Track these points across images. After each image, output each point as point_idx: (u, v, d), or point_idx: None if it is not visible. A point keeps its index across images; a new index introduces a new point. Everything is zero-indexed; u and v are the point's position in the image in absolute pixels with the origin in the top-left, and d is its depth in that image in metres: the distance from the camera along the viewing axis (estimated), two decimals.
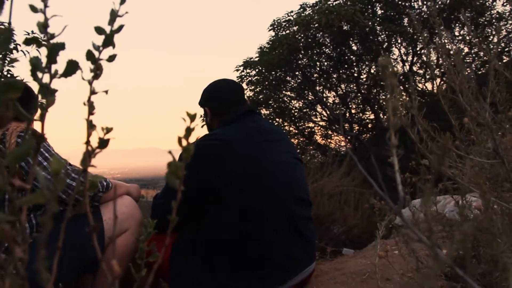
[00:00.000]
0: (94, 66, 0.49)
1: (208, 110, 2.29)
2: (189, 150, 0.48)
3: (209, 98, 2.32)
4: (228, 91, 2.31)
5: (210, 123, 2.33)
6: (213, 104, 2.29)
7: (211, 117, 2.29)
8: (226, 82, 2.36)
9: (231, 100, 2.27)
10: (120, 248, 2.10)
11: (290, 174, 2.08)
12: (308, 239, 2.07)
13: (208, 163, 1.95)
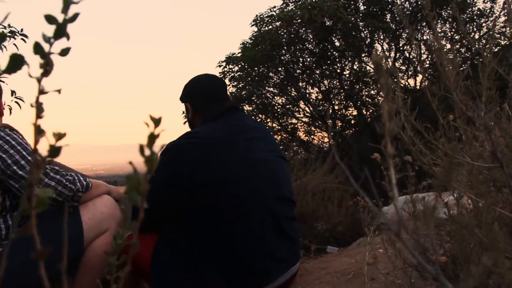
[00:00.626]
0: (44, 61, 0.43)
1: (189, 106, 2.24)
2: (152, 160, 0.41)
3: (190, 94, 2.26)
4: (210, 87, 2.25)
5: (191, 119, 2.27)
6: (195, 100, 2.23)
7: (192, 113, 2.24)
8: (208, 78, 2.29)
9: (213, 96, 2.21)
10: (100, 248, 2.05)
11: (273, 172, 2.04)
12: (292, 239, 2.03)
13: (188, 163, 1.91)
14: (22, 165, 1.80)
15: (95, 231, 2.02)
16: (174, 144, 1.97)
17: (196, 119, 2.22)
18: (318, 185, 4.83)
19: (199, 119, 2.19)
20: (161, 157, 1.97)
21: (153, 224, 2.03)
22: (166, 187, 1.93)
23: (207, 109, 2.16)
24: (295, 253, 2.11)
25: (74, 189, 1.87)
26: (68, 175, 1.88)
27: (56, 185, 1.80)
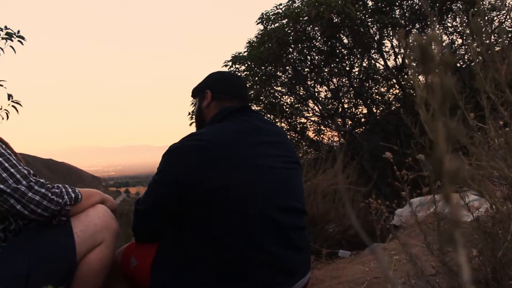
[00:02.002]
0: None
1: (209, 93, 2.11)
2: None
3: (212, 82, 2.17)
4: (235, 81, 2.21)
5: (204, 109, 2.14)
6: (218, 87, 2.14)
7: (210, 101, 2.11)
8: (232, 74, 2.31)
9: (236, 91, 2.15)
10: (94, 262, 1.93)
11: (282, 181, 1.91)
12: (302, 249, 1.91)
13: (189, 166, 1.79)
14: (4, 178, 1.66)
15: (88, 244, 1.90)
16: (176, 146, 1.86)
17: (210, 111, 2.10)
18: (329, 186, 4.68)
19: (215, 109, 2.08)
20: (163, 158, 1.87)
21: (153, 233, 1.95)
22: (166, 190, 1.82)
23: (227, 101, 2.08)
24: (305, 263, 1.99)
25: (62, 202, 1.74)
26: (54, 187, 1.75)
27: (41, 200, 1.67)
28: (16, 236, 1.86)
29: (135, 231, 2.01)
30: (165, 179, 1.82)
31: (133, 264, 2.00)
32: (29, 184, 1.67)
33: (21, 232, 1.87)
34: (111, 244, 1.97)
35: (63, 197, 1.76)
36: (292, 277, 1.86)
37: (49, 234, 1.81)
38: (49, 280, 1.82)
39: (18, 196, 1.64)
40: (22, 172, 1.70)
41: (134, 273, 2.01)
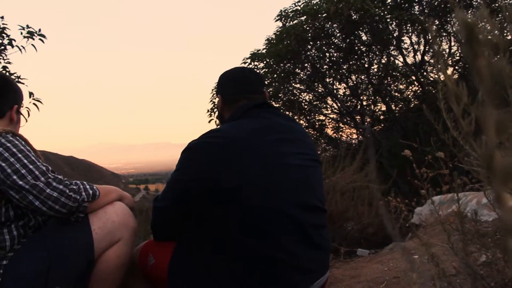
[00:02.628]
0: None
1: (220, 98, 2.10)
2: None
3: (221, 85, 2.13)
4: (243, 79, 2.11)
5: (221, 113, 2.14)
6: (225, 91, 2.10)
7: (222, 106, 2.10)
8: (243, 70, 2.17)
9: (245, 89, 2.07)
10: (112, 259, 1.94)
11: (301, 179, 1.87)
12: (321, 247, 1.88)
13: (209, 164, 1.76)
14: (23, 174, 1.68)
15: (106, 241, 1.91)
16: (195, 143, 1.84)
17: (226, 113, 2.07)
18: (347, 184, 4.64)
19: (229, 113, 2.05)
20: (181, 156, 1.85)
21: (171, 230, 1.94)
22: (184, 188, 1.80)
23: (237, 102, 2.03)
24: (324, 262, 1.96)
25: (79, 199, 1.74)
26: (72, 184, 1.76)
27: (58, 196, 1.68)
28: (35, 232, 1.87)
29: (153, 228, 2.00)
30: (184, 177, 1.81)
31: (151, 262, 2.00)
32: (47, 181, 1.68)
33: (40, 228, 1.88)
34: (129, 242, 1.98)
35: (81, 193, 1.76)
36: (311, 276, 1.84)
37: (68, 230, 1.83)
38: (68, 276, 1.83)
39: (36, 193, 1.65)
40: (40, 168, 1.71)
41: (152, 271, 2.01)
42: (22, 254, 1.77)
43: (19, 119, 2.06)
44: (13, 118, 1.99)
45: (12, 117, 1.99)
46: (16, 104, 2.01)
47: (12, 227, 1.79)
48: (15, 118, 2.01)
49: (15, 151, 1.73)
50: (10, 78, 2.16)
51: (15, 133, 1.84)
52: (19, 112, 2.05)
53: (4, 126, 1.93)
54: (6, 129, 1.83)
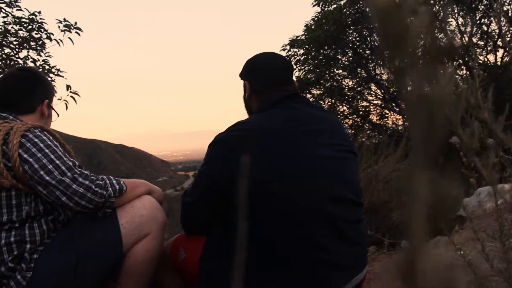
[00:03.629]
0: None
1: (248, 85, 2.00)
2: None
3: (251, 72, 2.02)
4: (274, 68, 2.01)
5: (248, 101, 2.04)
6: (255, 79, 1.98)
7: (250, 93, 2.00)
8: (274, 57, 2.05)
9: (276, 79, 1.97)
10: (141, 254, 1.91)
11: (335, 171, 1.77)
12: (357, 243, 1.77)
13: (235, 157, 1.68)
14: (50, 170, 1.66)
15: (134, 236, 1.88)
16: (222, 136, 1.77)
17: (253, 102, 1.99)
18: (391, 173, 4.49)
19: (256, 103, 1.97)
20: (208, 149, 1.79)
21: (201, 225, 1.91)
22: (211, 183, 1.76)
23: (267, 92, 1.93)
24: (361, 259, 1.85)
25: (106, 194, 1.71)
26: (98, 179, 1.73)
27: (85, 192, 1.65)
28: (65, 227, 1.87)
29: (183, 223, 1.96)
30: (211, 171, 1.75)
31: (182, 256, 1.96)
32: (74, 176, 1.66)
33: (70, 223, 1.88)
34: (158, 236, 1.95)
35: (107, 189, 1.73)
36: (347, 272, 1.74)
37: (96, 225, 1.81)
38: (97, 271, 1.81)
39: (63, 188, 1.63)
40: (67, 163, 1.69)
41: (183, 265, 1.97)
42: (51, 249, 1.76)
43: (50, 113, 2.05)
44: (44, 112, 1.99)
45: (43, 111, 1.98)
46: (47, 98, 2.00)
47: (42, 221, 1.78)
48: (46, 112, 2.01)
49: (42, 146, 1.71)
50: (41, 72, 2.16)
51: (43, 128, 1.83)
52: (50, 107, 2.04)
53: (35, 121, 1.92)
54: (35, 124, 1.82)
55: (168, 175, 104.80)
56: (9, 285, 1.67)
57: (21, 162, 1.69)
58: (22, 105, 1.94)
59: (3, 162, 1.70)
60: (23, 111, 1.93)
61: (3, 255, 1.68)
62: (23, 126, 1.76)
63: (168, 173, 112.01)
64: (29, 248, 1.72)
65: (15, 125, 1.77)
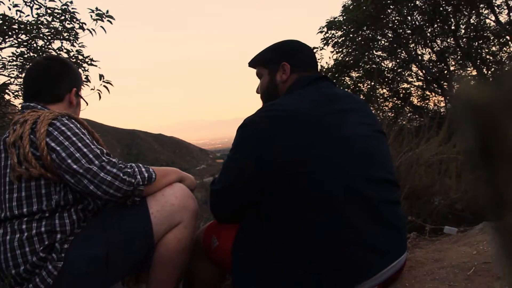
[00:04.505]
0: None
1: (288, 66, 1.96)
2: None
3: (290, 53, 2.01)
4: (308, 51, 2.05)
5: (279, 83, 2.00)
6: (294, 60, 1.99)
7: (289, 75, 1.97)
8: (303, 43, 2.08)
9: (311, 61, 2.03)
10: (173, 243, 1.89)
11: (368, 151, 1.74)
12: (395, 226, 1.73)
13: (267, 139, 1.66)
14: (77, 158, 1.65)
15: (165, 225, 1.86)
16: (251, 119, 1.74)
17: (286, 84, 1.97)
18: (433, 156, 4.34)
19: (287, 84, 1.96)
20: (237, 133, 1.77)
21: (232, 213, 1.89)
22: (241, 167, 1.73)
23: (304, 72, 1.95)
24: (400, 243, 1.80)
25: (134, 182, 1.69)
26: (127, 167, 1.70)
27: (112, 180, 1.63)
28: (95, 216, 1.86)
29: (213, 211, 1.94)
30: (240, 156, 1.72)
31: (215, 244, 1.94)
32: (101, 164, 1.64)
33: (100, 213, 1.87)
34: (189, 224, 1.92)
35: (136, 177, 1.71)
36: (385, 257, 1.68)
37: (125, 214, 1.80)
38: (128, 261, 1.82)
39: (90, 177, 1.62)
40: (94, 151, 1.68)
41: (216, 253, 1.95)
42: (82, 239, 1.76)
43: (79, 102, 2.06)
44: (72, 101, 1.99)
45: (71, 100, 1.99)
46: (75, 87, 2.01)
47: (72, 211, 1.78)
48: (75, 101, 2.00)
49: (69, 135, 1.71)
50: (68, 61, 2.15)
51: (70, 115, 1.83)
52: (78, 95, 2.03)
53: (63, 110, 1.93)
54: (62, 112, 1.82)
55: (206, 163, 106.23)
56: (41, 275, 1.68)
57: (49, 151, 1.68)
58: (50, 94, 1.95)
59: (31, 151, 1.71)
60: (51, 100, 1.94)
61: (34, 245, 1.69)
62: (50, 115, 1.77)
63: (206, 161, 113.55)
64: (60, 238, 1.72)
65: (42, 113, 1.77)
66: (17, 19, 4.16)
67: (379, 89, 10.66)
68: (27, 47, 4.40)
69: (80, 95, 2.06)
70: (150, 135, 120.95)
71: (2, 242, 1.71)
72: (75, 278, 1.70)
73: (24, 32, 4.17)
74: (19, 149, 1.72)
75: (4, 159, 1.78)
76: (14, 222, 1.72)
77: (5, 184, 1.76)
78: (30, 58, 4.42)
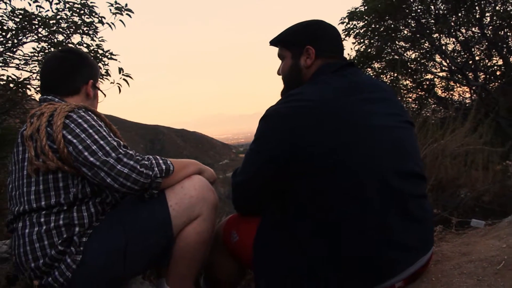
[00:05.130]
0: None
1: (313, 50, 1.85)
2: None
3: (316, 36, 1.89)
4: (335, 34, 1.94)
5: (303, 69, 1.89)
6: (322, 44, 1.87)
7: (313, 59, 1.86)
8: (329, 24, 1.95)
9: (338, 45, 1.92)
10: (192, 236, 1.87)
11: (397, 142, 1.66)
12: (422, 221, 1.66)
13: (292, 130, 1.59)
14: (94, 150, 1.63)
15: (184, 217, 1.84)
16: (275, 109, 1.68)
17: (310, 70, 1.87)
18: (459, 147, 4.25)
19: (311, 70, 1.86)
20: (260, 124, 1.71)
21: (254, 206, 1.84)
22: (264, 159, 1.67)
23: (330, 58, 1.85)
24: (427, 239, 1.74)
25: (151, 175, 1.66)
26: (144, 159, 1.68)
27: (129, 173, 1.61)
28: (113, 209, 1.85)
29: (234, 204, 1.90)
30: (263, 147, 1.66)
31: (235, 239, 1.90)
32: (118, 157, 1.62)
33: (118, 205, 1.86)
34: (209, 217, 1.89)
35: (153, 169, 1.68)
36: (412, 253, 1.63)
37: (144, 207, 1.78)
38: (146, 254, 1.81)
39: (107, 169, 1.60)
40: (111, 144, 1.66)
41: (236, 248, 1.91)
42: (100, 232, 1.75)
43: (96, 94, 2.04)
44: (89, 93, 1.99)
45: (88, 92, 1.98)
46: (91, 79, 2.00)
47: (90, 204, 1.77)
48: (92, 93, 1.99)
49: (86, 127, 1.69)
50: (84, 52, 2.14)
51: (87, 108, 1.82)
52: (95, 87, 2.02)
53: (80, 102, 1.91)
54: (79, 105, 1.81)
55: (229, 158, 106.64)
56: (59, 268, 1.68)
57: (66, 144, 1.67)
58: (66, 86, 1.95)
59: (48, 144, 1.70)
60: (67, 93, 1.94)
61: (52, 238, 1.68)
62: (67, 107, 1.75)
63: (229, 156, 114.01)
64: (78, 231, 1.71)
65: (59, 106, 1.76)
66: (37, 14, 4.20)
67: (402, 80, 10.51)
68: (47, 42, 4.43)
69: (98, 87, 2.05)
70: (173, 130, 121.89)
71: (21, 235, 1.71)
72: (93, 271, 1.69)
73: (43, 27, 4.20)
74: (36, 142, 1.71)
75: (21, 152, 1.78)
76: (32, 216, 1.72)
77: (23, 177, 1.76)
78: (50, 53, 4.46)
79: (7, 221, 1.82)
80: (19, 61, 4.71)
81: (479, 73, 10.11)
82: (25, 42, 4.51)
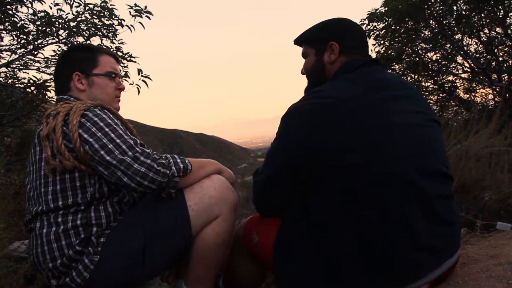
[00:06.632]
0: None
1: (337, 46, 1.84)
2: None
3: (340, 33, 1.87)
4: (360, 30, 1.92)
5: (327, 65, 1.88)
6: (347, 40, 1.86)
7: (337, 55, 1.84)
8: (353, 22, 1.93)
9: (363, 41, 1.90)
10: (211, 237, 1.83)
11: (422, 141, 1.62)
12: (449, 223, 1.61)
13: (314, 128, 1.55)
14: (110, 149, 1.61)
15: (203, 218, 1.81)
16: (296, 106, 1.65)
17: (334, 66, 1.85)
18: (483, 149, 4.15)
19: (335, 66, 1.85)
20: (282, 122, 1.67)
21: (276, 206, 1.80)
22: (286, 158, 1.63)
23: (355, 54, 1.83)
24: (455, 240, 1.68)
25: (169, 174, 1.63)
26: (162, 158, 1.65)
27: (146, 171, 1.58)
28: (131, 209, 1.82)
29: (256, 204, 1.86)
30: (285, 145, 1.62)
31: (255, 240, 1.87)
32: (135, 155, 1.59)
33: (136, 205, 1.83)
34: (228, 218, 1.86)
35: (171, 168, 1.65)
36: (438, 256, 1.58)
37: (162, 207, 1.75)
38: (165, 255, 1.78)
39: (124, 168, 1.57)
40: (128, 142, 1.63)
41: (256, 250, 1.87)
42: (118, 233, 1.73)
43: (92, 82, 1.95)
44: (78, 87, 1.92)
45: (77, 86, 1.93)
46: (77, 71, 1.92)
47: (108, 203, 1.75)
48: (84, 84, 1.93)
49: (102, 125, 1.67)
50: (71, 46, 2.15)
51: (103, 106, 1.80)
52: (88, 76, 1.95)
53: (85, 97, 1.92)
54: (94, 103, 1.79)
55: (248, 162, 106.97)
56: (77, 268, 1.66)
57: (82, 143, 1.65)
58: (60, 86, 1.95)
59: (64, 144, 1.68)
60: (64, 92, 1.93)
61: (70, 238, 1.67)
62: (83, 106, 1.73)
63: (248, 160, 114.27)
64: (96, 231, 1.69)
65: (75, 105, 1.74)
66: (58, 16, 4.23)
67: (423, 82, 10.37)
68: (67, 45, 4.47)
69: (92, 73, 1.97)
70: (192, 134, 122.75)
71: (39, 235, 1.70)
72: (111, 272, 1.67)
73: (63, 29, 4.24)
74: (53, 142, 1.71)
75: (38, 152, 1.77)
76: (50, 215, 1.71)
77: (41, 177, 1.75)
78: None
79: (25, 221, 1.82)
80: (39, 64, 4.76)
81: (503, 75, 9.93)
82: (46, 44, 4.55)
